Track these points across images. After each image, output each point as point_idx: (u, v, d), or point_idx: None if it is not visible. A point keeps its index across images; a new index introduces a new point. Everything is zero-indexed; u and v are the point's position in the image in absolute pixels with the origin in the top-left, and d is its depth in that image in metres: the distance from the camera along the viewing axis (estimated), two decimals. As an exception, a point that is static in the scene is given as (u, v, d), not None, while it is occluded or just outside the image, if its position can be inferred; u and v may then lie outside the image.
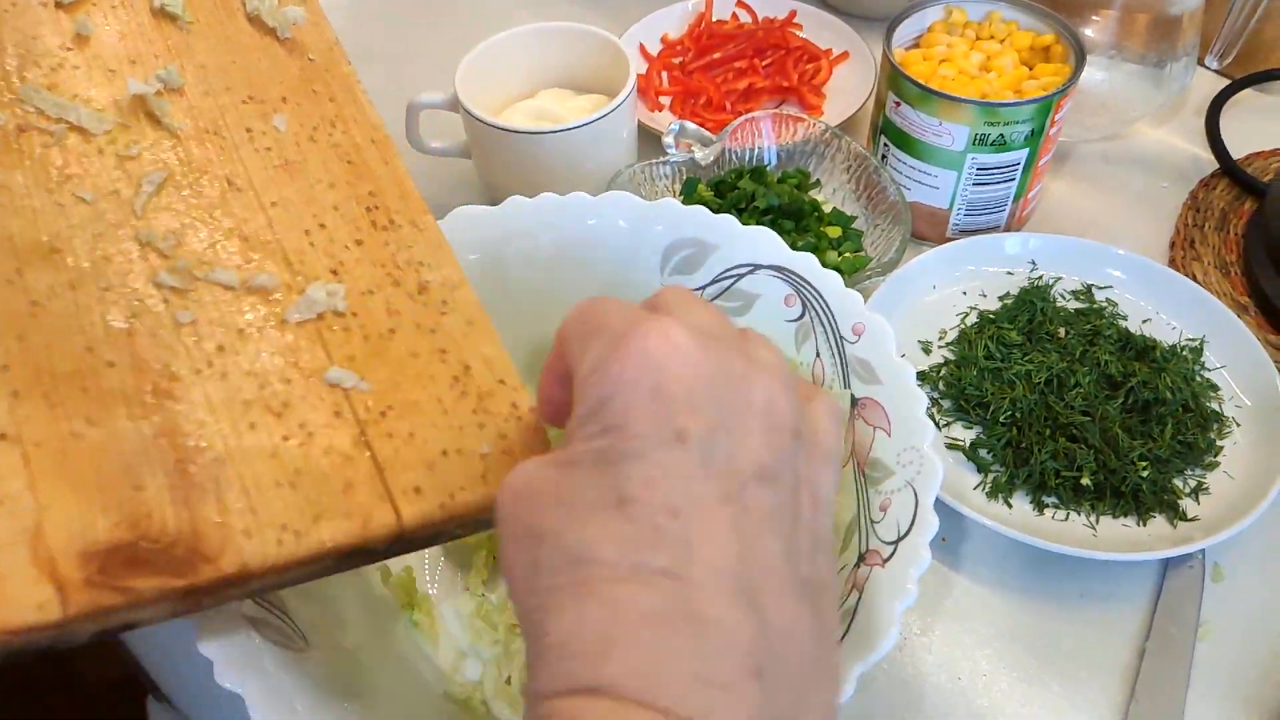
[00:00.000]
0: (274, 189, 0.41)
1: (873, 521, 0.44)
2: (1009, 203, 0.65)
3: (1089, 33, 0.69)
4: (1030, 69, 0.64)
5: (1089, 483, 0.53)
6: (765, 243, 0.51)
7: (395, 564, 0.49)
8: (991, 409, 0.56)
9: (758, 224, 0.53)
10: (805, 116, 0.67)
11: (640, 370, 0.26)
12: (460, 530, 0.34)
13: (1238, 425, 0.56)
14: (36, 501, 0.30)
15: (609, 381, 0.26)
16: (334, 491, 0.32)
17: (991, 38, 0.66)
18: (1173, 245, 0.68)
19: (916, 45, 0.67)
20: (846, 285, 0.49)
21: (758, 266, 0.51)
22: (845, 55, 0.79)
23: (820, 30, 0.81)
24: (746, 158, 0.67)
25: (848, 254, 0.62)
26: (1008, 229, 0.67)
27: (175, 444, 0.33)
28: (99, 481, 0.31)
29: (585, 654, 0.23)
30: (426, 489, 0.33)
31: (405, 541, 0.33)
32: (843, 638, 0.40)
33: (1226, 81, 0.77)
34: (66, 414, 0.32)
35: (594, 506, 0.25)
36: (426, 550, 0.49)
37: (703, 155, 0.65)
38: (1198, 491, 0.53)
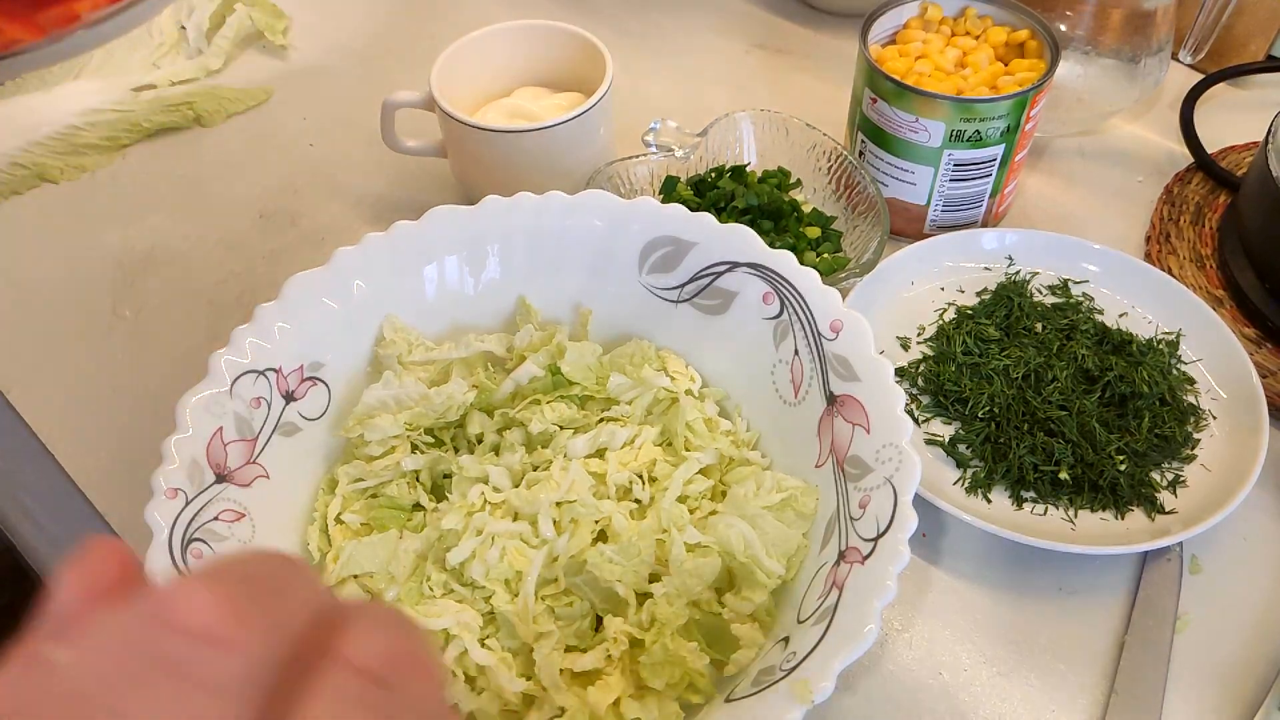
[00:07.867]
0: None
1: (852, 518, 0.44)
2: (986, 198, 0.65)
3: (1063, 28, 0.69)
4: (1005, 64, 0.65)
5: (1067, 477, 0.53)
6: (742, 240, 0.51)
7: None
8: (970, 404, 0.56)
9: (737, 223, 0.53)
10: (784, 114, 0.67)
11: None
12: None
13: (1214, 418, 0.56)
14: None
15: None
16: None
17: (967, 34, 0.66)
18: (1148, 239, 0.68)
19: (892, 42, 0.67)
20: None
21: (735, 264, 0.51)
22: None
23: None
24: (726, 156, 0.67)
25: (826, 255, 0.62)
26: (985, 224, 0.67)
27: None
28: None
29: None
30: None
31: None
32: (823, 636, 0.40)
33: (1200, 76, 0.77)
34: None
35: None
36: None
37: (682, 154, 0.65)
38: (1175, 484, 0.54)
